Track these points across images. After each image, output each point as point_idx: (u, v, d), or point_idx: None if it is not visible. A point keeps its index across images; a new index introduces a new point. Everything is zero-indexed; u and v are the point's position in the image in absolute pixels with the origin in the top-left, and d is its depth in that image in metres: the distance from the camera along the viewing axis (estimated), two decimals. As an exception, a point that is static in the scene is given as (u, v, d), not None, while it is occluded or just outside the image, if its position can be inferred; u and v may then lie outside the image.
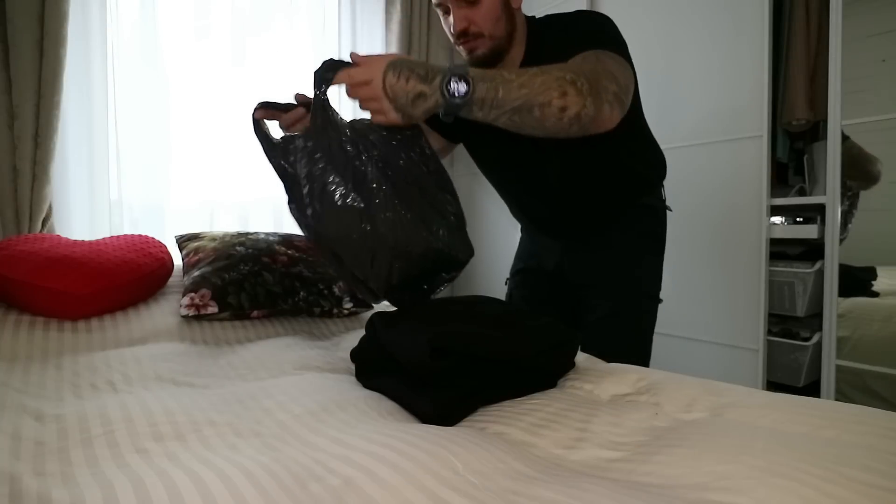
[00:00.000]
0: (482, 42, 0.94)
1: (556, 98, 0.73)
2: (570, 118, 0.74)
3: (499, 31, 0.94)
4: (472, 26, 0.93)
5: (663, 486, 0.48)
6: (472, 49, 0.95)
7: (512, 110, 0.74)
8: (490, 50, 0.95)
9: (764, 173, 1.56)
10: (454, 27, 0.94)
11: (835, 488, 0.43)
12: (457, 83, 0.71)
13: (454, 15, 0.93)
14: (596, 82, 0.77)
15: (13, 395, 0.73)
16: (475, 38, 0.94)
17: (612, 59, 0.86)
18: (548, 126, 0.75)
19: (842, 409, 0.64)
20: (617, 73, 0.83)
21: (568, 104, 0.73)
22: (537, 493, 0.46)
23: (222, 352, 1.02)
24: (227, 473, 0.46)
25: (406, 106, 0.75)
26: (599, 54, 0.85)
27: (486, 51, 0.95)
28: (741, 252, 1.63)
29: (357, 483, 0.47)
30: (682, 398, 0.72)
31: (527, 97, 0.73)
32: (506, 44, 0.96)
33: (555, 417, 0.66)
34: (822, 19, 1.51)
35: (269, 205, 2.09)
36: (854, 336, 1.49)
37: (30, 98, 1.52)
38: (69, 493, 0.43)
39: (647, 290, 1.10)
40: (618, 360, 0.92)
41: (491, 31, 0.94)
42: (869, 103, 1.46)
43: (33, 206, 1.55)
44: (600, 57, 0.84)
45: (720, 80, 1.66)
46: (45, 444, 0.56)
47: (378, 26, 2.38)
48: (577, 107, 0.74)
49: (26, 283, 1.09)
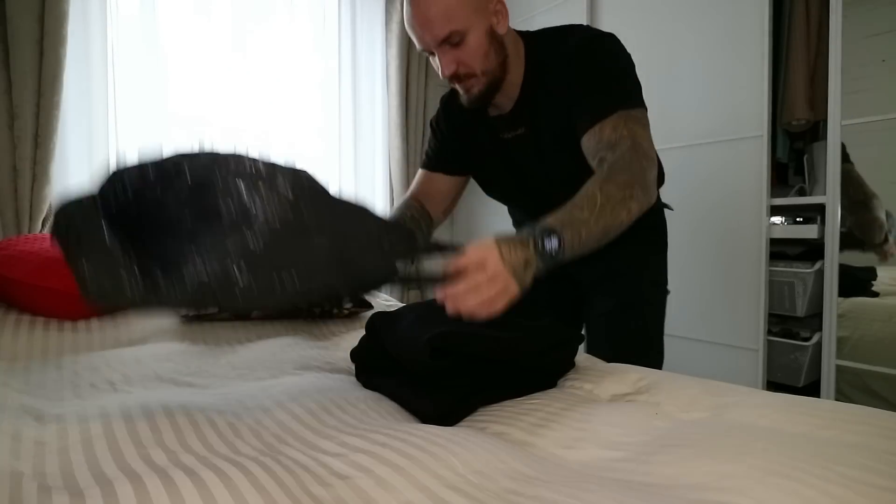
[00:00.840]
0: (476, 81, 0.91)
1: (625, 218, 0.79)
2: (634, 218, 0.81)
3: (490, 64, 0.90)
4: (461, 67, 0.89)
5: (663, 486, 0.48)
6: (468, 89, 0.92)
7: (596, 241, 0.78)
8: (486, 86, 0.92)
9: (764, 173, 1.56)
10: (443, 72, 0.90)
11: (835, 488, 0.43)
12: (549, 241, 0.72)
13: (441, 59, 0.88)
14: (643, 178, 0.82)
15: (13, 395, 0.73)
16: (468, 79, 0.90)
17: (639, 123, 0.86)
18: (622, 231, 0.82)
19: (842, 409, 0.64)
20: (648, 146, 0.85)
21: (633, 215, 0.80)
22: (537, 493, 0.46)
23: (222, 352, 1.02)
24: (227, 473, 0.46)
25: (521, 276, 0.68)
26: (629, 121, 0.85)
27: (483, 87, 0.91)
28: (741, 252, 1.63)
29: (357, 483, 0.47)
30: (682, 398, 0.72)
31: (605, 228, 0.77)
32: (500, 73, 0.92)
33: (555, 417, 0.66)
34: (822, 19, 1.51)
35: (269, 205, 2.09)
36: (854, 336, 1.49)
37: (30, 98, 1.52)
38: (69, 494, 0.43)
39: (654, 279, 1.11)
40: (630, 353, 0.91)
41: (482, 67, 0.89)
42: (869, 103, 1.46)
43: (33, 206, 1.55)
44: (630, 127, 0.84)
45: (720, 80, 1.66)
46: (45, 444, 0.55)
47: (378, 26, 2.38)
48: (640, 210, 0.81)
49: (26, 283, 1.09)
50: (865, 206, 1.51)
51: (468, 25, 0.85)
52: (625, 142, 0.83)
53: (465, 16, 0.84)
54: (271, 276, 0.55)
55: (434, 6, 0.83)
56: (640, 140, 0.84)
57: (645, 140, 0.86)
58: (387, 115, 2.42)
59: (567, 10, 2.12)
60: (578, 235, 0.74)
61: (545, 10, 2.20)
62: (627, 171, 0.80)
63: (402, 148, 2.39)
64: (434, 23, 0.84)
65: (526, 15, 2.26)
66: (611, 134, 0.84)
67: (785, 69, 1.60)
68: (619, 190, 0.78)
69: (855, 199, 1.50)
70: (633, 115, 0.86)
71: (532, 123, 0.97)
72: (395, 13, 2.35)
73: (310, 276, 0.57)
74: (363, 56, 2.37)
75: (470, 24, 0.85)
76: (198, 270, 0.52)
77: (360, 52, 2.36)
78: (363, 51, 2.37)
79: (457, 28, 0.84)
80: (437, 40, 0.85)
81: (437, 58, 0.89)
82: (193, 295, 0.53)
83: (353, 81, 2.34)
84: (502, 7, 0.91)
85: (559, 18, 2.12)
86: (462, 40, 0.86)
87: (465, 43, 0.86)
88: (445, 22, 0.84)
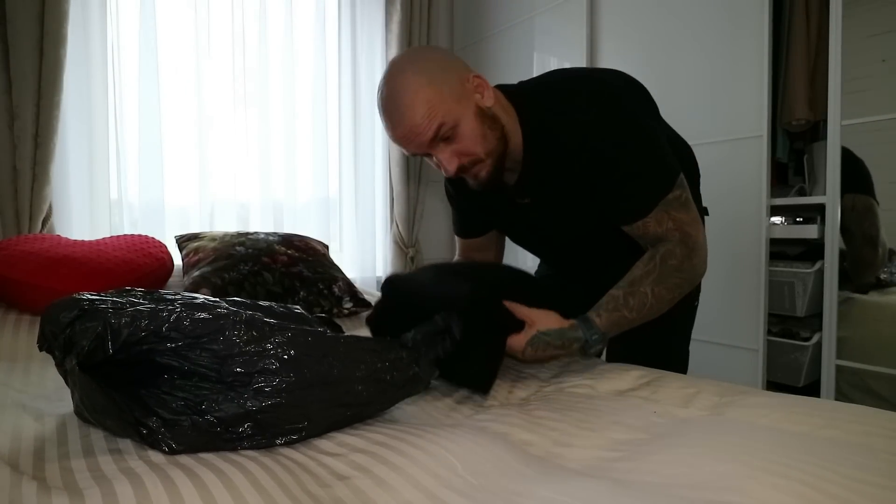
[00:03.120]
0: (482, 165, 0.84)
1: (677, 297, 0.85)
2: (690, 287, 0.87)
3: (491, 143, 0.83)
4: (463, 158, 0.83)
5: (663, 486, 0.47)
6: (476, 175, 0.86)
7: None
8: (493, 167, 0.85)
9: (764, 173, 1.56)
10: (448, 170, 0.84)
11: (834, 488, 0.43)
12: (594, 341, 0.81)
13: (441, 159, 0.83)
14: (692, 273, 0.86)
15: (13, 395, 0.73)
16: (473, 166, 0.84)
17: (682, 207, 0.84)
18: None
19: (842, 408, 0.64)
20: (694, 230, 0.85)
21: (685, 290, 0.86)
22: (536, 492, 0.46)
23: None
24: (227, 473, 0.46)
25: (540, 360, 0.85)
26: (671, 209, 0.83)
27: (491, 168, 0.85)
28: (741, 252, 1.63)
29: (356, 483, 0.47)
30: (682, 397, 0.72)
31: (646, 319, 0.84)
32: (502, 147, 0.85)
33: (554, 418, 0.66)
34: (822, 19, 1.51)
35: (269, 205, 2.09)
36: (854, 336, 1.49)
37: (30, 98, 1.52)
38: (69, 494, 0.43)
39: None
40: (653, 365, 0.90)
41: (484, 150, 0.83)
42: (869, 103, 1.46)
43: (33, 206, 1.55)
44: (674, 216, 0.83)
45: (720, 80, 1.66)
46: (45, 444, 0.56)
47: (378, 26, 2.38)
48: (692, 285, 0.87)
49: (26, 283, 1.09)
50: (873, 244, 1.51)
51: (455, 115, 0.80)
52: (673, 235, 0.83)
53: (447, 108, 0.79)
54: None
55: (413, 111, 0.78)
56: (688, 228, 0.84)
57: (691, 225, 0.84)
58: (387, 115, 2.42)
59: (567, 10, 2.11)
60: (619, 330, 0.83)
61: (545, 10, 2.20)
62: (678, 271, 0.83)
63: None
64: (420, 126, 0.79)
65: (526, 15, 2.26)
66: (656, 229, 0.84)
67: (785, 69, 1.60)
68: (668, 292, 0.83)
69: (868, 234, 1.50)
70: (673, 199, 0.83)
71: (539, 195, 0.93)
72: (395, 13, 2.35)
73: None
74: (363, 56, 2.37)
75: (456, 113, 0.80)
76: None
77: (360, 52, 2.36)
78: (363, 51, 2.37)
79: (443, 121, 0.79)
80: (428, 141, 0.81)
81: (436, 159, 0.84)
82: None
83: (353, 81, 2.34)
84: (480, 80, 0.84)
85: (559, 18, 2.12)
86: (454, 132, 0.81)
87: (459, 133, 0.81)
88: (430, 120, 0.79)
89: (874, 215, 1.49)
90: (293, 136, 2.16)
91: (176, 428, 0.52)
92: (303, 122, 2.21)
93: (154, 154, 1.85)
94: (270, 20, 2.11)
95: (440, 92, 0.79)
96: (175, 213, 1.93)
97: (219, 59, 2.01)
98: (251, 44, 2.07)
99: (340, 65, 2.32)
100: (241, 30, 2.05)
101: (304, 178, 2.19)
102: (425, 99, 0.78)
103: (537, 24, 2.20)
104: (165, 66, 1.88)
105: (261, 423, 0.54)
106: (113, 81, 1.77)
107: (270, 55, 2.11)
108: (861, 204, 1.49)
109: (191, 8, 1.94)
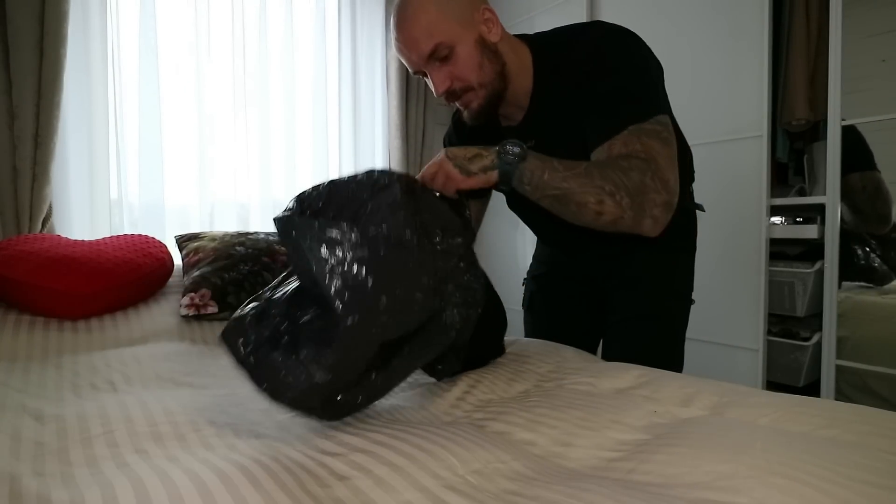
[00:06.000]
0: (474, 94, 0.86)
1: (592, 203, 0.75)
2: (605, 222, 0.77)
3: (486, 76, 0.85)
4: (455, 82, 0.85)
5: (663, 486, 0.47)
6: (467, 104, 0.88)
7: (552, 196, 0.77)
8: (486, 100, 0.87)
9: (764, 173, 1.56)
10: (437, 90, 0.86)
11: (834, 488, 0.43)
12: (512, 146, 0.77)
13: (433, 78, 0.85)
14: (641, 195, 0.75)
15: (13, 395, 0.73)
16: (464, 93, 0.86)
17: (656, 137, 0.78)
18: (584, 221, 0.79)
19: (842, 408, 0.64)
20: (666, 164, 0.77)
21: (603, 211, 0.76)
22: (536, 493, 0.46)
23: (222, 352, 1.02)
24: (227, 473, 0.46)
25: (464, 162, 0.77)
26: (643, 135, 0.78)
27: (482, 101, 0.87)
28: (741, 252, 1.63)
29: (356, 483, 0.47)
30: (682, 397, 0.72)
31: (566, 191, 0.76)
32: (499, 84, 0.87)
33: (554, 416, 0.66)
34: (822, 19, 1.51)
35: (269, 205, 2.09)
36: (854, 336, 1.49)
37: (30, 98, 1.52)
38: (69, 494, 0.43)
39: (679, 290, 1.05)
40: (647, 363, 0.88)
41: (478, 79, 0.85)
42: (869, 103, 1.46)
43: (33, 206, 1.55)
44: (645, 142, 0.77)
45: (720, 80, 1.66)
46: (45, 444, 0.56)
47: (378, 26, 2.38)
48: (613, 216, 0.76)
49: (26, 283, 1.09)
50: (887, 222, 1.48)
51: (455, 38, 0.82)
52: (638, 155, 0.77)
53: (448, 28, 0.81)
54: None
55: (415, 24, 0.81)
56: (658, 157, 0.77)
57: (663, 157, 0.78)
58: (387, 115, 2.42)
59: (567, 10, 2.12)
60: (541, 171, 0.76)
61: (545, 11, 2.20)
62: (624, 175, 0.75)
63: (402, 148, 2.39)
64: (418, 40, 0.82)
65: (526, 15, 2.26)
66: (621, 150, 0.78)
67: (785, 69, 1.60)
68: (602, 180, 0.75)
69: (882, 213, 1.48)
70: (648, 128, 0.79)
71: (542, 136, 0.92)
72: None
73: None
74: (363, 56, 2.37)
75: (456, 36, 0.82)
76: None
77: (360, 52, 2.36)
78: (363, 51, 2.37)
79: (441, 41, 0.81)
80: (424, 57, 0.83)
81: (430, 77, 0.86)
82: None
83: (353, 81, 2.34)
84: (492, 15, 0.86)
85: (559, 18, 2.12)
86: (451, 54, 0.83)
87: (455, 56, 0.83)
88: (428, 37, 0.81)
89: (886, 192, 1.48)
90: (293, 136, 2.16)
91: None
92: (303, 122, 2.21)
93: (154, 154, 1.85)
94: (270, 20, 2.11)
95: (444, 12, 0.82)
96: (175, 212, 1.93)
97: (219, 59, 2.01)
98: (251, 44, 2.07)
99: (340, 65, 2.32)
100: (241, 30, 2.05)
101: (304, 178, 2.19)
102: (429, 15, 0.81)
103: (537, 23, 2.20)
104: (165, 65, 1.88)
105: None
106: (113, 81, 1.77)
107: (270, 55, 2.11)
108: (870, 183, 1.49)
109: (191, 8, 1.93)
